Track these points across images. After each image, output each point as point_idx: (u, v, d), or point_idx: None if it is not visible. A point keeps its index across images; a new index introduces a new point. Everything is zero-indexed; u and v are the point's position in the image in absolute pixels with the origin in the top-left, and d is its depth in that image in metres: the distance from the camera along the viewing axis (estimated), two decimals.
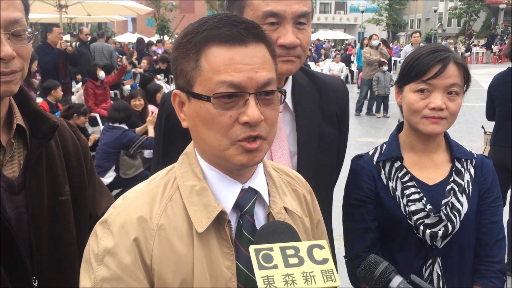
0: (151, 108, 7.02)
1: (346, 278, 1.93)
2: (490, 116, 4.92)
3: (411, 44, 13.54)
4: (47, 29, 9.00)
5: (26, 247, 1.45)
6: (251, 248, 1.05)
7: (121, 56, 12.91)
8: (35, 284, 1.46)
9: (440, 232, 1.76)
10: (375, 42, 13.20)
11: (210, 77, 1.09)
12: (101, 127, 8.10)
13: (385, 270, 1.16)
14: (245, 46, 1.10)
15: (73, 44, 9.63)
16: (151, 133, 5.91)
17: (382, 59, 12.73)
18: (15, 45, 1.35)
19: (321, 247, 1.09)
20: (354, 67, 20.50)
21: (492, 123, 4.83)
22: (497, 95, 4.70)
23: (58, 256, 1.54)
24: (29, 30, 1.39)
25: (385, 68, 12.63)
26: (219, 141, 1.11)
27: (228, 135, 1.10)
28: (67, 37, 16.89)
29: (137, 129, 6.08)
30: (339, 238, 1.92)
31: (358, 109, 13.46)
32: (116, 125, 5.89)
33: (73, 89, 10.11)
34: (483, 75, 20.05)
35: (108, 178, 5.78)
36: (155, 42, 20.03)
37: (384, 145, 1.94)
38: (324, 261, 1.07)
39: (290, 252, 1.06)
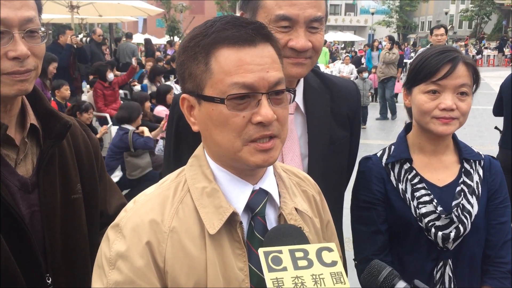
0: (161, 109, 7.04)
1: (356, 281, 1.92)
2: (496, 112, 5.02)
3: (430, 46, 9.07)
4: (60, 30, 9.09)
5: (40, 245, 1.46)
6: (261, 251, 1.05)
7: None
8: (49, 281, 1.48)
9: (452, 234, 1.75)
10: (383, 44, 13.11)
11: (222, 79, 1.09)
12: (112, 127, 8.13)
13: (389, 275, 1.16)
14: (255, 47, 1.11)
15: (83, 39, 9.65)
16: (154, 134, 5.97)
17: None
18: (29, 44, 1.36)
19: (330, 249, 1.09)
20: None
21: None
22: (505, 96, 4.75)
23: (71, 254, 1.55)
24: (42, 29, 1.40)
25: (365, 75, 12.42)
26: (232, 143, 1.11)
27: (241, 136, 1.10)
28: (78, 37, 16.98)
29: (152, 133, 6.11)
30: (348, 240, 1.91)
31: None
32: (124, 126, 5.91)
33: (84, 89, 10.17)
34: (494, 78, 19.90)
35: (115, 177, 5.78)
36: (165, 43, 20.11)
37: (392, 147, 1.93)
38: (333, 263, 1.07)
39: (299, 254, 1.06)
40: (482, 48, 34.56)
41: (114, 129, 6.66)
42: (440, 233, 1.76)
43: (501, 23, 51.09)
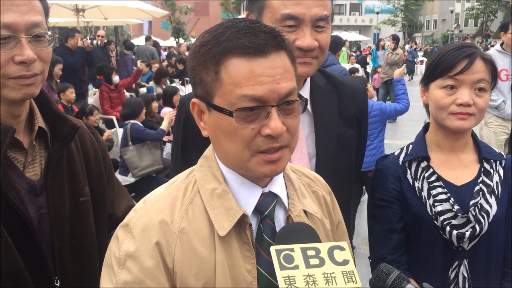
0: (168, 110, 7.04)
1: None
2: None
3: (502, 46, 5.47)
4: (69, 34, 9.11)
5: (48, 248, 1.47)
6: (272, 249, 1.05)
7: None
8: (57, 284, 1.48)
9: (467, 234, 1.73)
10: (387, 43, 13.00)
11: (231, 90, 1.07)
12: (118, 129, 8.13)
13: (397, 279, 1.15)
14: (266, 57, 1.08)
15: (94, 42, 9.66)
16: (165, 126, 5.86)
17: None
18: (35, 48, 1.37)
19: (341, 248, 1.09)
20: (369, 68, 20.36)
21: None
22: None
23: (79, 257, 1.55)
24: (49, 33, 1.40)
25: (358, 76, 12.32)
26: (241, 153, 1.10)
27: (250, 147, 1.09)
28: None
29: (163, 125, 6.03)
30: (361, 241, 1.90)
31: None
32: (128, 121, 5.87)
33: (90, 92, 10.21)
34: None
35: (131, 177, 5.70)
36: (170, 45, 20.16)
37: (411, 146, 1.92)
38: (345, 262, 1.07)
39: (311, 253, 1.06)
40: (489, 46, 34.36)
41: (120, 132, 6.63)
42: (455, 232, 1.74)
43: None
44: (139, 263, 1.08)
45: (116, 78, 8.97)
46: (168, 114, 6.16)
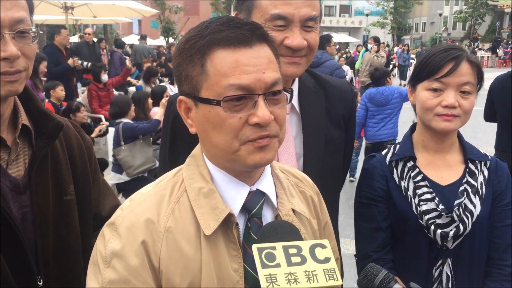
0: (158, 110, 6.98)
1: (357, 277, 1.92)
2: (487, 116, 4.86)
3: None
4: (55, 30, 8.99)
5: (31, 247, 1.45)
6: (254, 247, 1.05)
7: (127, 57, 12.94)
8: (40, 283, 1.46)
9: (451, 233, 1.76)
10: (369, 46, 12.99)
11: (218, 81, 1.08)
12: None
13: (385, 279, 1.16)
14: (250, 48, 1.10)
15: (85, 63, 9.51)
16: (159, 115, 5.77)
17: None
18: (19, 45, 1.35)
19: (323, 246, 1.10)
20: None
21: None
22: (496, 99, 4.62)
23: (63, 256, 1.54)
24: (33, 29, 1.39)
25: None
26: (230, 144, 1.10)
27: (239, 137, 1.09)
28: (74, 38, 16.94)
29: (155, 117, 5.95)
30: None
31: None
32: (118, 120, 5.80)
33: (78, 90, 10.13)
34: (488, 79, 19.90)
35: (125, 176, 5.64)
36: (159, 44, 20.12)
37: (398, 146, 1.94)
38: (326, 260, 1.08)
39: (292, 251, 1.07)
40: (476, 49, 34.75)
41: (111, 131, 6.55)
42: (439, 231, 1.76)
43: (494, 24, 51.40)
44: (125, 262, 1.08)
45: (104, 77, 8.90)
46: (162, 102, 6.09)
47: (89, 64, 9.39)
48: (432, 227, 1.77)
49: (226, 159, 1.15)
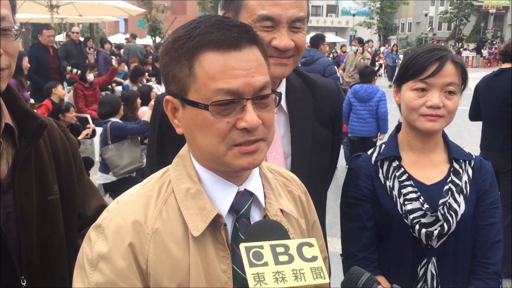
0: (146, 109, 6.94)
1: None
2: (472, 116, 4.91)
3: None
4: (38, 30, 8.90)
5: (15, 247, 1.43)
6: (242, 246, 1.05)
7: (113, 57, 12.84)
8: (24, 284, 1.44)
9: (436, 232, 1.77)
10: (354, 48, 13.11)
11: (206, 84, 1.06)
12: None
13: (368, 281, 1.17)
14: (240, 51, 1.08)
15: (74, 71, 9.40)
16: (148, 117, 5.75)
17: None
18: (2, 42, 1.33)
19: (310, 245, 1.10)
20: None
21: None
22: (481, 98, 4.67)
23: (47, 256, 1.52)
24: (16, 27, 1.37)
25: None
26: (216, 147, 1.09)
27: (225, 141, 1.08)
28: (59, 37, 16.77)
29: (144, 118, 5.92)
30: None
31: None
32: (107, 120, 5.77)
33: (64, 90, 10.03)
34: (473, 79, 20.03)
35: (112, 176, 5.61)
36: (146, 44, 20.07)
37: (383, 145, 1.95)
38: (314, 258, 1.08)
39: (280, 250, 1.07)
40: (461, 49, 35.10)
41: (99, 130, 6.50)
42: (424, 230, 1.77)
43: (479, 24, 52.05)
44: (112, 264, 1.06)
45: (90, 76, 8.82)
46: (151, 103, 6.09)
47: (79, 71, 9.30)
48: (417, 226, 1.78)
49: (212, 162, 1.14)
